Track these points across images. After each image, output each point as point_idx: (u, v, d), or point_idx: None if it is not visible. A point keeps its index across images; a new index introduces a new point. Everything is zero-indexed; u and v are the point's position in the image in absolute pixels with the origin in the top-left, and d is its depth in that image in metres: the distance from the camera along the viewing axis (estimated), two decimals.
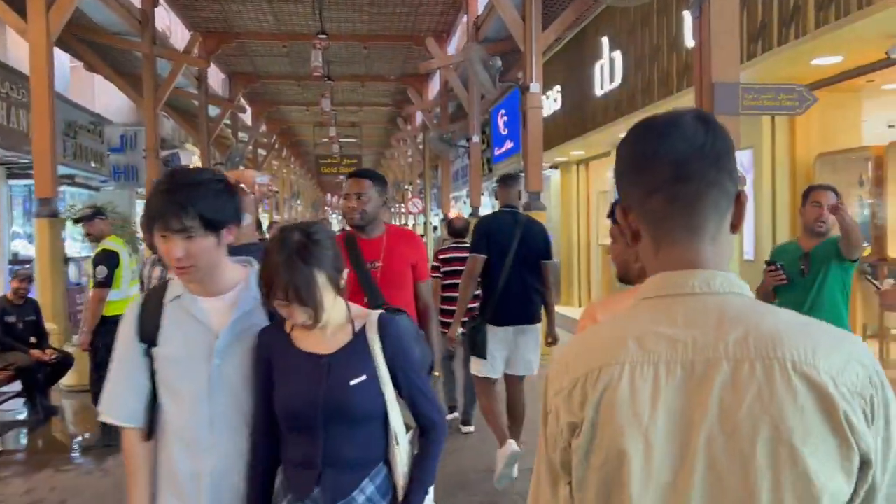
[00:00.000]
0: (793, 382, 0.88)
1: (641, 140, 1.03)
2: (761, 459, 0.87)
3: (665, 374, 0.92)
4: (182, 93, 16.71)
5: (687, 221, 0.99)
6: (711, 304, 0.96)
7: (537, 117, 9.16)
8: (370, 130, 30.06)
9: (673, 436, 0.91)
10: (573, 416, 0.96)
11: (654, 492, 0.90)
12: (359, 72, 19.92)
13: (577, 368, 0.98)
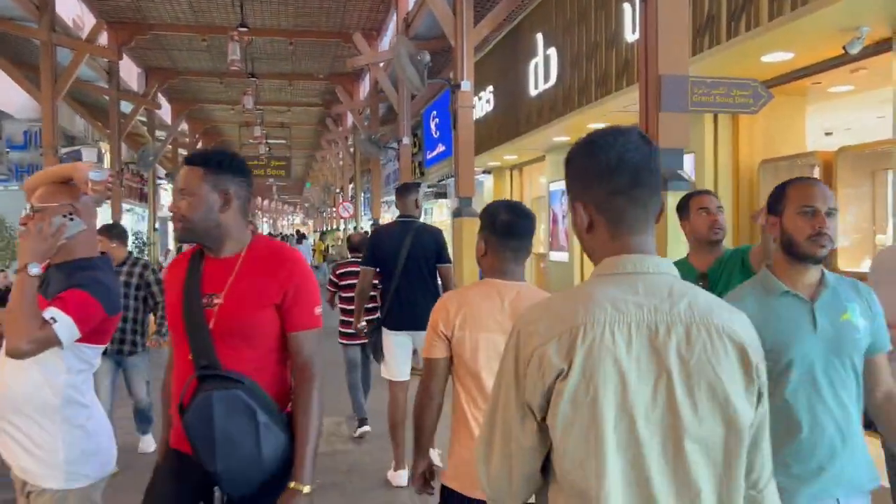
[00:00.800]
0: (724, 341, 1.24)
1: (603, 150, 1.30)
2: (705, 395, 1.22)
3: (636, 331, 1.22)
4: (91, 87, 15.49)
5: (639, 217, 1.30)
6: (660, 280, 1.27)
7: (468, 118, 8.56)
8: (300, 132, 29.03)
9: (643, 378, 1.21)
10: (561, 362, 1.21)
11: (627, 422, 1.20)
12: (285, 70, 19.00)
13: (560, 321, 1.23)
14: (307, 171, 41.61)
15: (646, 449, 1.19)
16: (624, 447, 1.20)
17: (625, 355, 1.20)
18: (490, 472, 1.32)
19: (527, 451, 1.27)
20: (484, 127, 10.48)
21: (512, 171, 12.01)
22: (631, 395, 1.19)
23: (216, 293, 2.12)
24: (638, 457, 1.19)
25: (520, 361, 1.26)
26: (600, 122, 7.87)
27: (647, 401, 1.20)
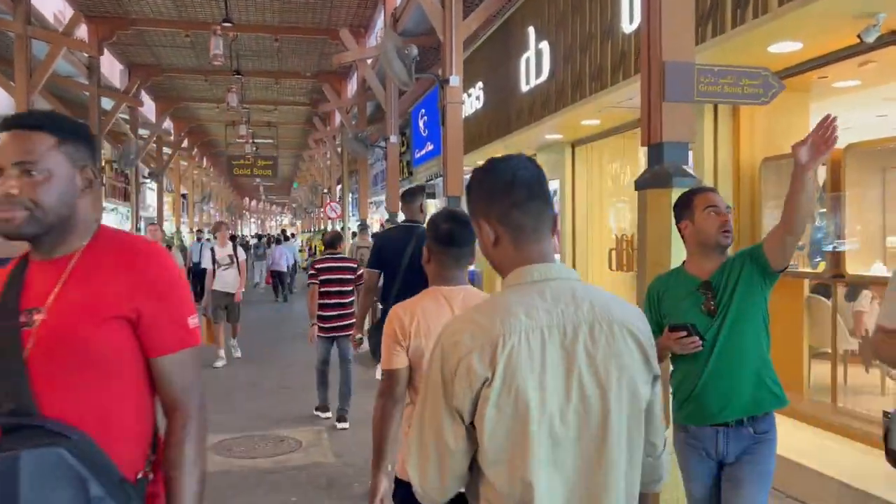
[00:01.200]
0: (625, 336, 1.38)
1: (499, 172, 1.45)
2: (613, 385, 1.35)
3: (548, 335, 1.33)
4: (71, 83, 15.05)
5: (537, 227, 1.43)
6: (564, 285, 1.39)
7: (457, 114, 8.23)
8: (287, 132, 28.61)
9: (557, 376, 1.33)
10: (485, 371, 1.31)
11: (547, 418, 1.31)
12: (271, 67, 18.62)
13: (480, 336, 1.33)
14: (295, 171, 41.15)
15: (564, 440, 1.32)
16: (546, 441, 1.31)
17: (539, 359, 1.32)
18: (421, 473, 1.40)
19: (455, 456, 1.36)
20: (474, 124, 10.14)
21: None
22: (548, 393, 1.31)
23: (38, 307, 1.48)
24: (558, 448, 1.32)
25: (446, 371, 1.35)
26: (594, 118, 7.56)
27: (562, 395, 1.32)
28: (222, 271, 9.31)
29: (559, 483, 1.33)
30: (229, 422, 6.58)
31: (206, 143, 31.87)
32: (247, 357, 9.73)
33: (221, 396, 7.57)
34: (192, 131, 28.14)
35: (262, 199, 62.31)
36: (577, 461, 1.34)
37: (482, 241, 1.47)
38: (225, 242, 9.60)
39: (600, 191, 8.81)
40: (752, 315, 2.72)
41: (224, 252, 9.44)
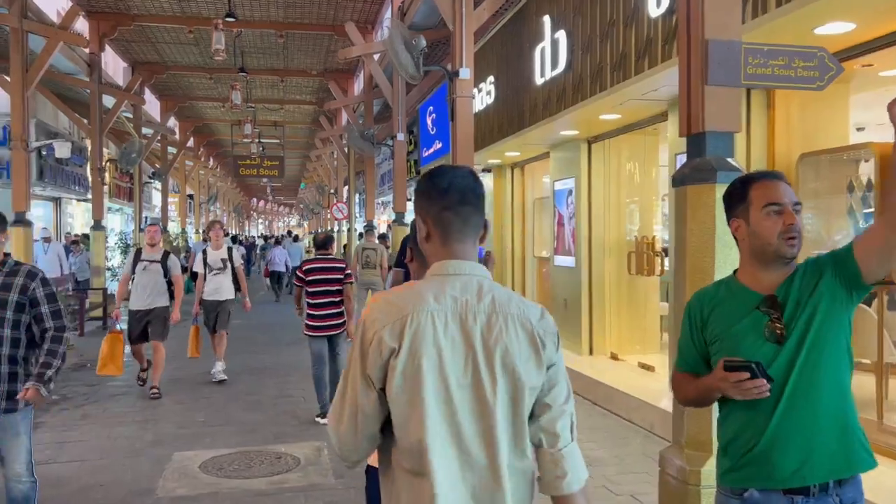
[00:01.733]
0: (517, 328, 1.56)
1: (439, 177, 1.65)
2: (498, 368, 1.53)
3: (451, 319, 1.53)
4: (72, 80, 14.63)
5: (462, 230, 1.63)
6: (473, 281, 1.60)
7: (467, 108, 7.74)
8: (293, 131, 28.20)
9: (456, 353, 1.52)
10: (393, 342, 1.51)
11: (443, 388, 1.50)
12: (277, 65, 18.18)
13: (394, 311, 1.54)
14: (302, 172, 40.74)
15: (458, 407, 1.52)
16: (442, 407, 1.51)
17: (442, 337, 1.52)
18: (339, 433, 1.60)
19: (368, 417, 1.56)
20: (484, 121, 9.66)
21: (513, 170, 11.19)
22: (447, 367, 1.52)
23: None
24: (453, 413, 1.52)
25: (364, 343, 1.56)
26: (614, 112, 7.07)
27: (459, 370, 1.53)
28: (213, 276, 8.28)
29: (451, 446, 1.51)
30: (223, 436, 6.12)
31: (212, 143, 31.49)
32: (244, 364, 9.27)
33: (215, 407, 7.12)
34: (199, 131, 27.76)
35: (269, 200, 61.98)
36: (468, 428, 1.52)
37: (419, 236, 1.68)
38: (220, 244, 8.52)
39: (619, 190, 8.31)
40: (833, 342, 2.03)
41: (217, 255, 8.40)
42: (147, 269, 7.52)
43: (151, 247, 7.67)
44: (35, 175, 16.30)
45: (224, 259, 8.39)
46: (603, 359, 8.29)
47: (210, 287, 8.26)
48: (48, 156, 16.79)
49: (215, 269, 8.31)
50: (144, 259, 7.58)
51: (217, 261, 8.37)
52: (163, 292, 7.55)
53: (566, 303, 8.85)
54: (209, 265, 8.31)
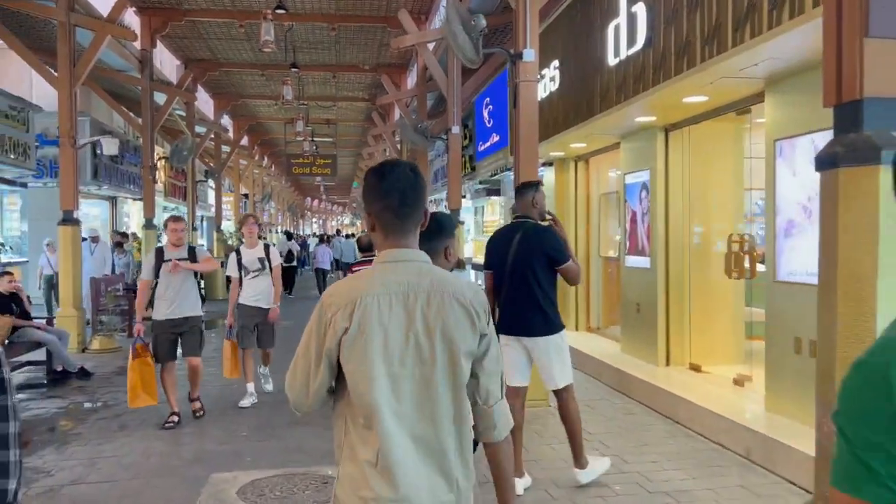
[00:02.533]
0: (453, 303, 1.80)
1: (381, 178, 1.86)
2: (438, 338, 1.77)
3: (395, 299, 1.78)
4: (123, 76, 14.42)
5: (402, 226, 1.86)
6: (413, 266, 1.84)
7: (532, 94, 7.00)
8: (346, 129, 27.84)
9: (399, 329, 1.76)
10: (345, 322, 1.76)
11: (387, 355, 1.75)
12: (329, 60, 17.71)
13: (347, 296, 1.79)
14: (354, 170, 40.50)
15: (403, 373, 1.77)
16: (387, 373, 1.76)
17: (387, 315, 1.77)
18: (293, 391, 1.89)
19: (319, 383, 1.84)
20: (547, 110, 8.88)
21: (577, 163, 10.38)
22: (391, 340, 1.76)
23: None
24: (398, 378, 1.76)
25: (321, 322, 1.81)
26: (701, 93, 6.22)
27: (402, 342, 1.77)
28: (251, 280, 7.08)
29: (396, 402, 1.77)
30: (265, 455, 5.52)
31: (266, 142, 31.40)
32: None
33: (260, 419, 6.53)
34: (252, 130, 27.62)
35: (322, 199, 62.17)
36: (412, 388, 1.78)
37: (366, 225, 1.95)
38: (254, 242, 7.27)
39: (703, 183, 7.43)
40: None
41: (253, 255, 7.17)
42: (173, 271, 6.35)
43: (176, 247, 6.42)
44: (90, 174, 16.21)
45: (262, 258, 7.14)
46: (682, 371, 7.43)
47: (249, 292, 7.09)
48: (103, 155, 16.68)
49: (253, 270, 7.09)
50: (169, 258, 6.33)
51: (254, 261, 7.13)
52: (194, 298, 6.45)
53: (639, 307, 8.01)
54: (245, 267, 7.10)
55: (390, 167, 1.87)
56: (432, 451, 1.77)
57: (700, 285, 7.50)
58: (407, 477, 1.73)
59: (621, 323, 8.62)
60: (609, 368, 7.87)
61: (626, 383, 7.39)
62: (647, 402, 6.83)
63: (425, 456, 1.76)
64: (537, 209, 4.73)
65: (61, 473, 5.13)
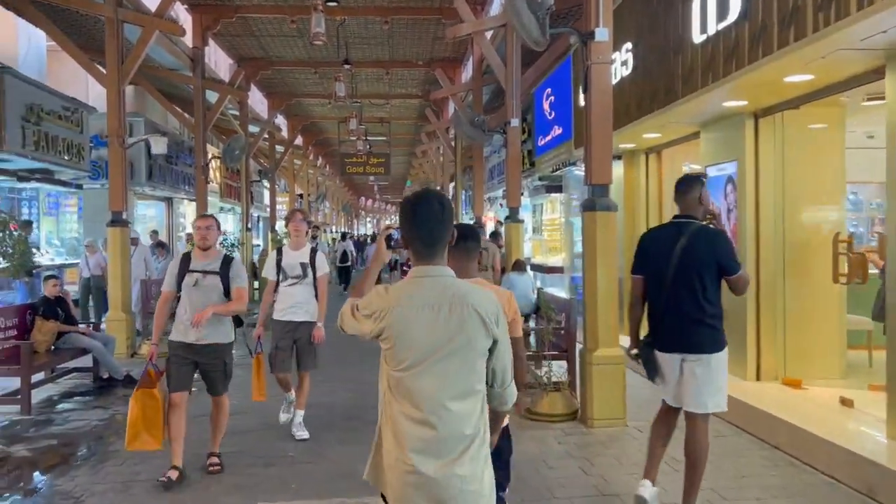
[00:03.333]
0: (472, 312, 2.21)
1: (413, 213, 2.29)
2: (457, 336, 2.20)
3: (422, 307, 2.21)
4: (175, 75, 14.17)
5: (429, 252, 2.29)
6: (439, 280, 2.27)
7: (605, 77, 6.25)
8: (399, 128, 27.37)
9: (426, 332, 2.19)
10: (381, 325, 2.23)
11: (416, 355, 2.20)
12: (382, 56, 17.19)
13: (382, 305, 2.24)
14: (407, 169, 40.11)
15: (428, 360, 2.21)
16: (415, 358, 2.22)
17: (415, 322, 2.21)
18: (345, 324, 2.40)
19: (363, 335, 2.33)
20: (618, 97, 8.03)
21: (648, 156, 9.55)
22: (418, 340, 2.21)
23: None
24: (424, 363, 2.21)
25: (365, 315, 2.30)
26: (806, 71, 5.36)
27: (427, 342, 2.21)
28: (287, 287, 5.82)
29: (423, 383, 2.22)
30: (313, 479, 4.93)
31: (320, 142, 31.21)
32: (339, 377, 8.15)
33: (308, 437, 5.93)
34: (306, 130, 27.43)
35: (376, 199, 62.12)
36: (436, 376, 2.21)
37: (407, 245, 2.37)
38: (300, 242, 5.91)
39: (800, 175, 6.55)
40: None
41: (296, 258, 5.84)
42: (199, 283, 4.89)
43: (204, 251, 4.96)
44: (145, 175, 16.07)
45: (304, 264, 5.80)
46: (776, 387, 6.55)
47: (282, 303, 5.85)
48: (157, 155, 16.52)
49: (292, 276, 5.79)
50: (195, 269, 4.93)
51: (295, 266, 5.80)
52: (224, 323, 4.99)
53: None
54: (284, 270, 5.84)
55: (421, 203, 2.30)
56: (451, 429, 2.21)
57: (796, 290, 6.61)
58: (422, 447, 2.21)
59: None
60: None
61: None
62: (737, 422, 6.00)
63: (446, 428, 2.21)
64: (703, 208, 4.14)
65: (91, 500, 4.64)
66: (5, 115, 10.41)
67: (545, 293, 8.49)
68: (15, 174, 12.03)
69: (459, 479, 2.18)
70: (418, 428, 2.20)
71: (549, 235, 14.40)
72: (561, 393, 6.48)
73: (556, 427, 6.20)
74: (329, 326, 6.43)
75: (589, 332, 6.30)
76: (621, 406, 6.21)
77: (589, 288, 6.30)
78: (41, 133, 11.64)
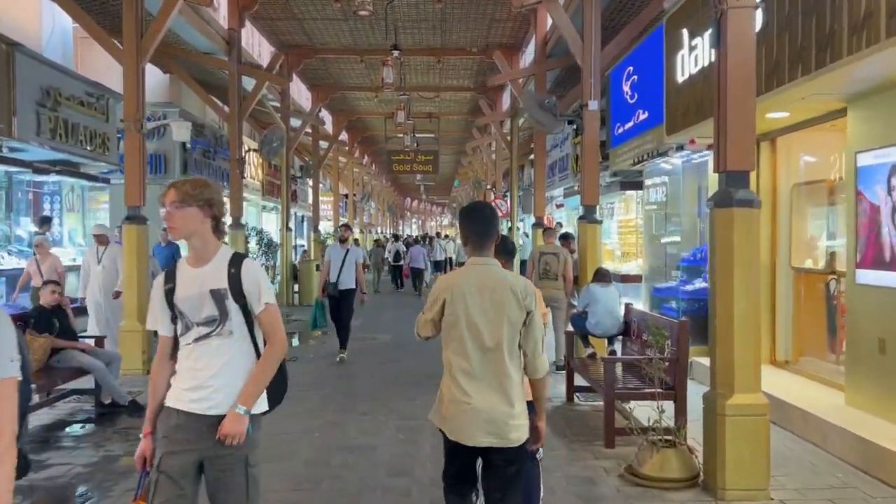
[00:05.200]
0: (508, 291, 2.95)
1: (470, 217, 3.14)
2: (500, 311, 2.94)
3: (474, 287, 2.98)
4: (209, 59, 12.86)
5: (480, 244, 3.08)
6: (487, 268, 3.03)
7: (747, 26, 4.58)
8: (448, 125, 25.85)
9: (475, 304, 2.94)
10: (445, 296, 3.00)
11: (468, 319, 2.95)
12: (433, 42, 15.68)
13: (446, 285, 3.03)
14: (456, 169, 38.58)
15: (480, 327, 2.93)
16: (468, 325, 2.94)
17: (468, 295, 2.95)
18: (420, 328, 3.13)
19: (433, 322, 3.06)
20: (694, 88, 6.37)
21: (759, 144, 7.74)
22: (471, 309, 2.94)
23: None
24: (475, 328, 2.94)
25: (436, 296, 3.04)
26: None
27: (478, 311, 2.93)
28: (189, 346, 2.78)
29: (475, 342, 2.95)
30: None
31: (366, 140, 29.89)
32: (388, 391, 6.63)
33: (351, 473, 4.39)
34: (352, 126, 26.11)
35: (422, 199, 60.78)
36: (486, 337, 2.93)
37: (463, 240, 3.16)
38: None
39: None
40: None
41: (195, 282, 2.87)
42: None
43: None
44: (179, 169, 14.85)
45: (219, 295, 2.72)
46: None
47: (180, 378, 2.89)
48: (193, 149, 15.30)
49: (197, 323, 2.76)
50: None
51: (199, 300, 2.74)
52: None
53: (884, 345, 5.41)
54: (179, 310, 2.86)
55: (476, 210, 3.19)
56: (493, 377, 2.94)
57: None
58: (470, 387, 2.95)
59: (849, 364, 6.01)
60: (838, 432, 5.31)
61: (878, 461, 4.84)
62: None
63: (487, 379, 2.95)
64: None
65: None
66: (15, 98, 9.19)
67: (648, 313, 6.85)
68: (30, 165, 10.84)
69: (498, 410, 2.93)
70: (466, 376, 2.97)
71: (623, 239, 12.69)
72: (676, 450, 4.81)
73: (670, 498, 4.56)
74: None
75: (720, 372, 4.62)
76: (764, 472, 4.53)
77: (722, 310, 4.62)
78: (59, 120, 10.42)
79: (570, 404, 7.06)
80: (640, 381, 6.04)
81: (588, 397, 7.18)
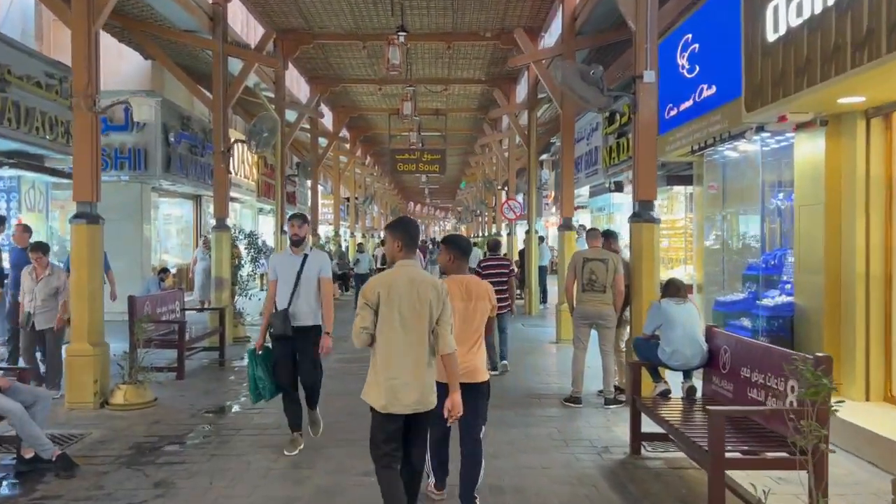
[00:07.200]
0: (430, 286, 3.64)
1: (401, 227, 3.81)
2: (422, 304, 3.60)
3: (405, 283, 3.60)
4: (191, 38, 11.18)
5: (409, 246, 3.75)
6: (413, 269, 3.69)
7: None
8: (456, 122, 24.22)
9: (405, 298, 3.57)
10: (382, 291, 3.56)
11: (398, 309, 3.56)
12: (444, 25, 14.04)
13: (382, 282, 3.59)
14: (462, 170, 36.94)
15: (407, 317, 3.53)
16: (398, 317, 3.52)
17: (401, 291, 3.53)
18: (355, 334, 3.54)
19: (369, 325, 3.55)
20: (810, 37, 4.73)
21: (870, 121, 6.08)
22: (402, 302, 3.52)
23: None
24: (403, 318, 3.53)
25: (370, 292, 3.55)
26: None
27: (407, 303, 3.53)
28: None
29: (401, 331, 3.53)
30: None
31: (368, 140, 28.26)
32: None
33: None
34: (353, 124, 24.49)
35: (426, 203, 59.16)
36: (410, 324, 3.53)
37: (393, 247, 3.73)
38: None
39: None
40: None
41: None
42: None
43: None
44: (161, 166, 13.19)
45: None
46: None
47: None
48: (178, 143, 13.63)
49: None
50: None
51: None
52: None
53: None
54: None
55: (409, 222, 3.87)
56: (416, 355, 3.56)
57: None
58: (399, 367, 3.54)
59: None
60: None
61: None
62: None
63: (412, 357, 3.56)
64: None
65: None
66: None
67: (757, 343, 5.15)
68: None
69: None
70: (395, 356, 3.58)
71: (669, 243, 11.02)
72: None
73: None
74: None
75: None
76: None
77: None
78: (8, 102, 8.79)
79: (636, 457, 5.37)
80: (746, 436, 4.36)
81: (658, 446, 5.50)
